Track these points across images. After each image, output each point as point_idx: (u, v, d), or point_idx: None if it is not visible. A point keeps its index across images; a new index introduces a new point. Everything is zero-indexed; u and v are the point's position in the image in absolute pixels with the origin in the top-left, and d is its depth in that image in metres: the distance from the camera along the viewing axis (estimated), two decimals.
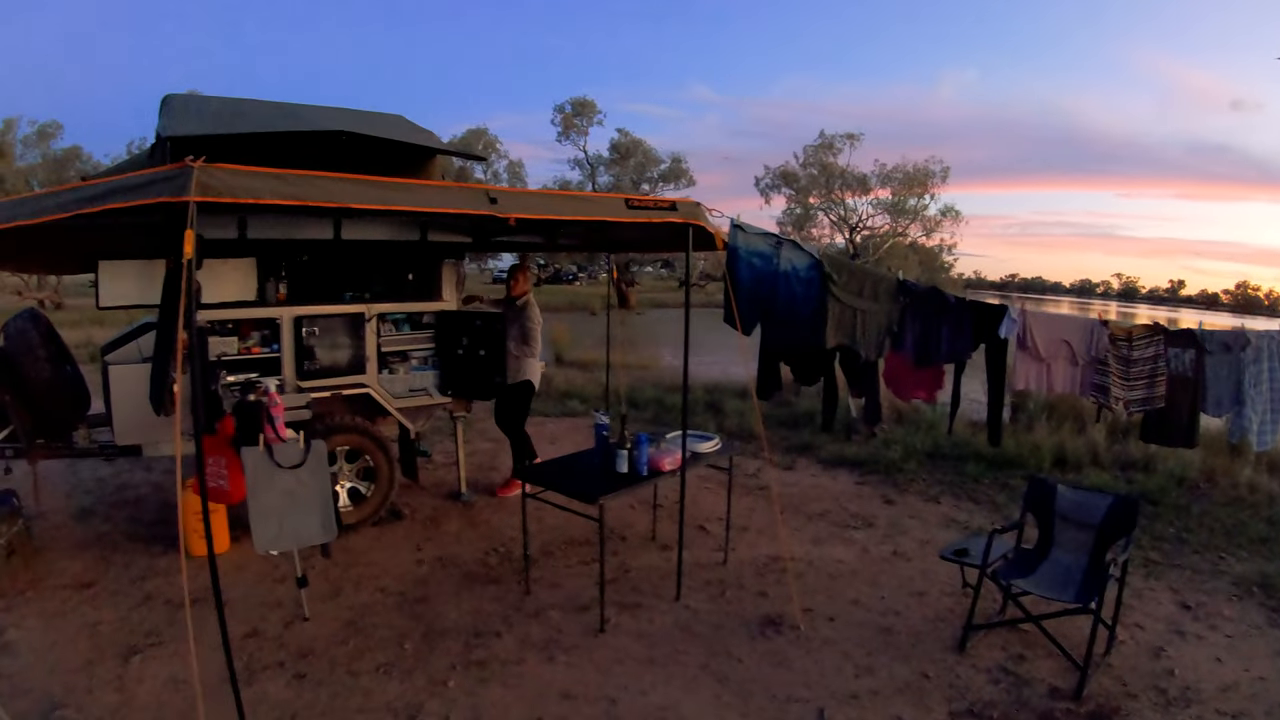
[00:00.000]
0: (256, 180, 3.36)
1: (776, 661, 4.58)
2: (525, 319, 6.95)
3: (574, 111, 42.77)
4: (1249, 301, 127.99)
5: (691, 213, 4.89)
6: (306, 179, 3.47)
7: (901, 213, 40.29)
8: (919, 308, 5.83)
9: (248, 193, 3.32)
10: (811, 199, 41.12)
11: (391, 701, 4.09)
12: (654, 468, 5.19)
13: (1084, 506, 5.03)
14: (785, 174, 41.26)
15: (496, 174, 44.15)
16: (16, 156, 35.01)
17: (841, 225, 41.42)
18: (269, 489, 4.51)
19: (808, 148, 40.67)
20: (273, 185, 3.38)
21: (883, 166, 40.04)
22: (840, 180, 40.10)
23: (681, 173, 43.27)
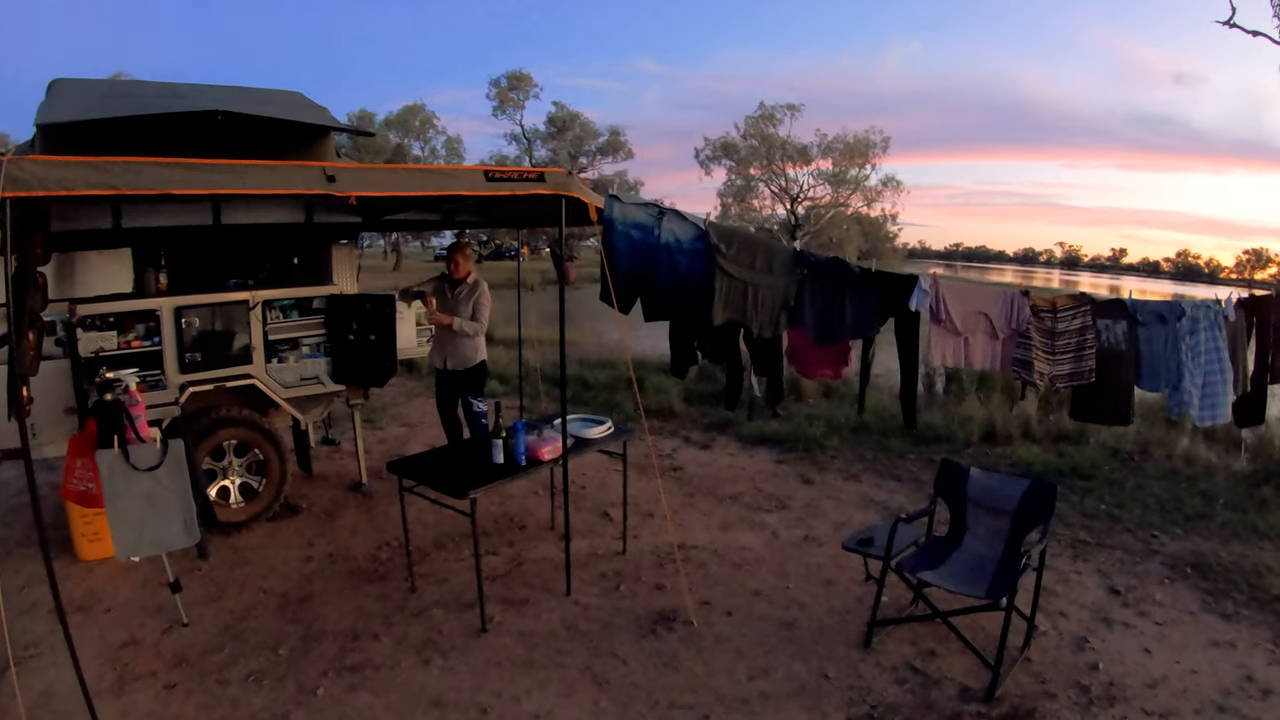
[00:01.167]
0: (69, 170, 3.14)
1: (664, 663, 4.40)
2: (478, 297, 6.63)
3: (509, 85, 42.40)
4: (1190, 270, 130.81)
5: (562, 183, 4.60)
6: (123, 166, 3.24)
7: (842, 183, 40.40)
8: (819, 280, 5.56)
9: (60, 185, 3.10)
10: (752, 170, 41.09)
11: (257, 712, 3.93)
12: (532, 457, 4.98)
13: (998, 491, 4.79)
14: (725, 145, 41.19)
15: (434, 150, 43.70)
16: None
17: (783, 196, 41.45)
18: (126, 493, 4.26)
19: (749, 119, 40.64)
20: (86, 175, 3.16)
21: (824, 137, 40.11)
22: (781, 151, 40.08)
23: (620, 145, 43.10)
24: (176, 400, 5.79)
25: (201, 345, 5.97)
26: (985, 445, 8.53)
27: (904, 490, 7.27)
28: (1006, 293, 5.57)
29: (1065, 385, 5.59)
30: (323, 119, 5.90)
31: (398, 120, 43.50)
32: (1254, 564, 5.65)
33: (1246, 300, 5.69)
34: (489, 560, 5.64)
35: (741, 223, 40.83)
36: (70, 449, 4.51)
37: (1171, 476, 7.54)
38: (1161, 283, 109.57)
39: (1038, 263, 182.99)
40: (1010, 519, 4.69)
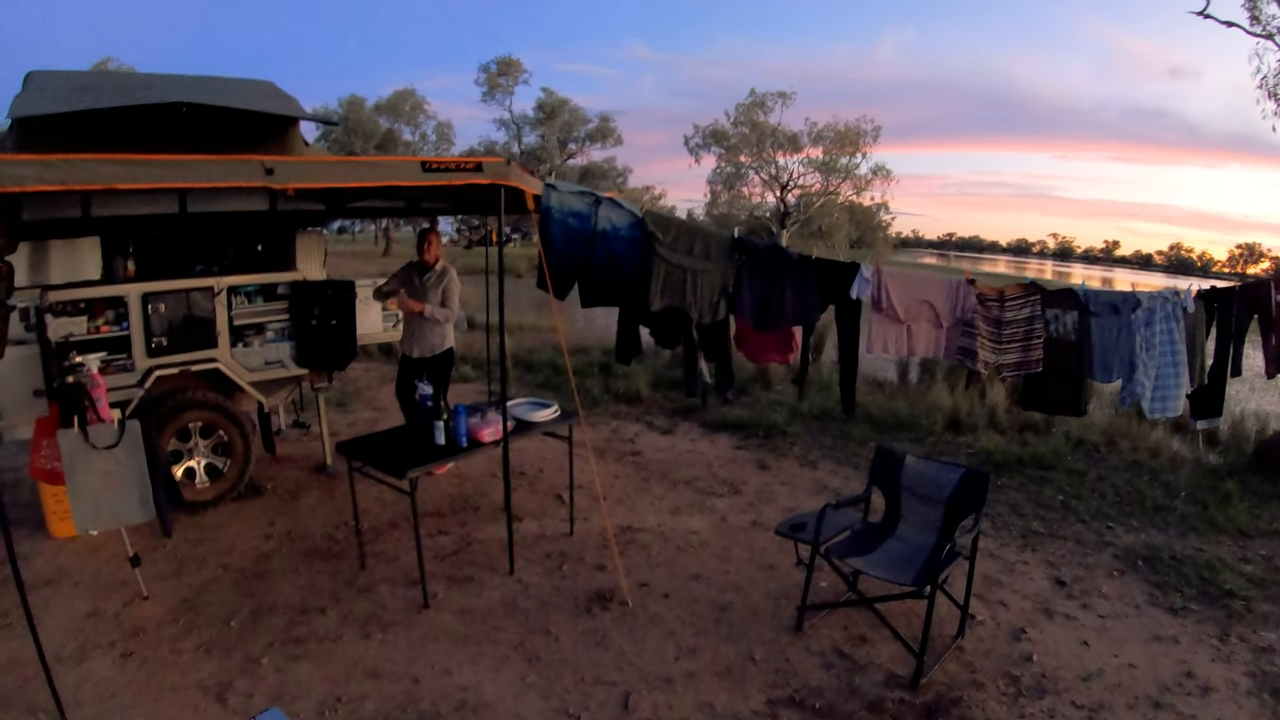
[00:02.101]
0: (21, 168, 3.33)
1: (595, 641, 4.58)
2: (447, 284, 6.78)
3: (499, 71, 42.57)
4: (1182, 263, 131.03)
5: (500, 172, 4.67)
6: (69, 163, 3.43)
7: (833, 171, 40.50)
8: (758, 267, 5.64)
9: (12, 181, 3.29)
10: (742, 158, 41.25)
11: (205, 680, 4.16)
12: (474, 439, 5.16)
13: (932, 479, 4.81)
14: (715, 133, 41.32)
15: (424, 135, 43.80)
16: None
17: (772, 184, 41.57)
18: (85, 471, 4.50)
19: (739, 106, 40.78)
20: (36, 172, 3.34)
21: (814, 125, 40.22)
22: (771, 139, 40.18)
23: (609, 132, 43.34)
24: (141, 383, 5.99)
25: (168, 330, 6.17)
26: (949, 434, 8.67)
27: (859, 478, 7.27)
28: (951, 281, 5.65)
29: (1011, 374, 5.69)
30: (288, 109, 6.07)
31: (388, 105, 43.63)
32: (1208, 558, 5.70)
33: (1207, 292, 5.76)
34: (440, 540, 5.88)
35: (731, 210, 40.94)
36: (37, 430, 4.73)
37: (1134, 469, 7.65)
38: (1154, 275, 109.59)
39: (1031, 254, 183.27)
40: (943, 507, 4.73)
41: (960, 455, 7.87)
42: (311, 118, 7.00)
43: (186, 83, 6.27)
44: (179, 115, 5.21)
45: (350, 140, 41.15)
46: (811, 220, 40.29)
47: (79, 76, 6.74)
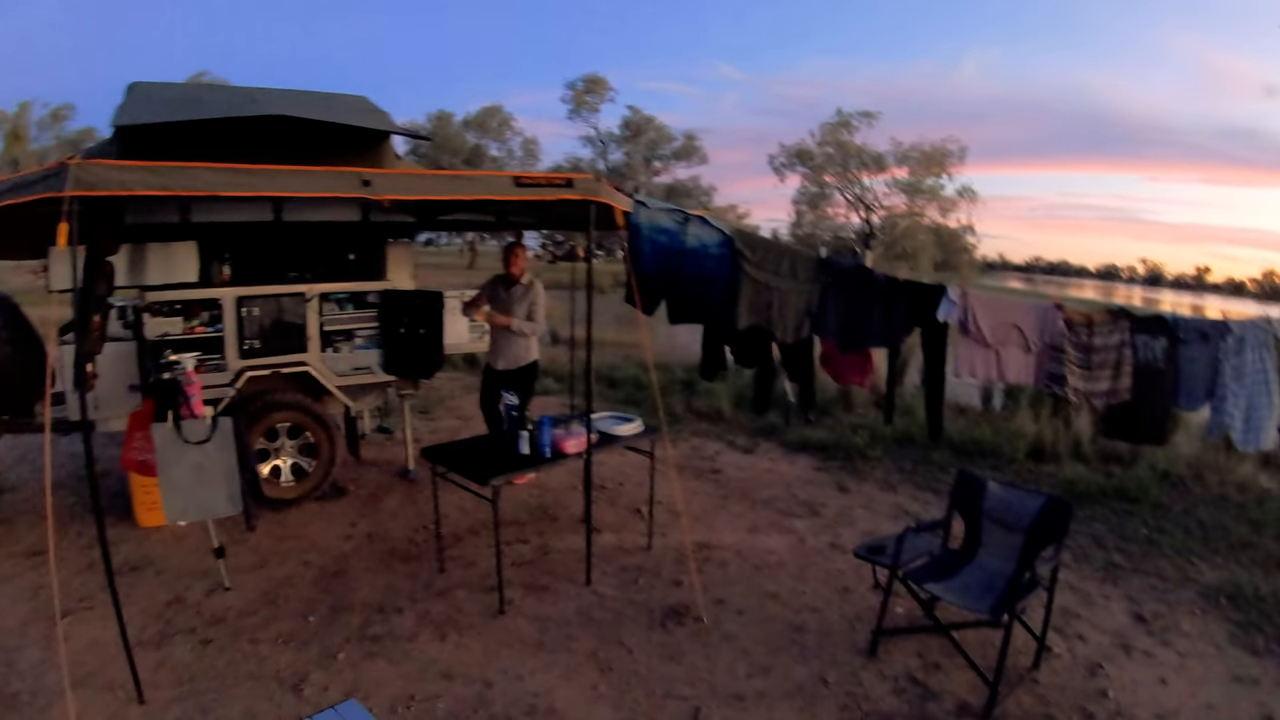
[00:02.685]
0: (128, 174, 3.48)
1: (668, 655, 4.54)
2: (533, 297, 6.82)
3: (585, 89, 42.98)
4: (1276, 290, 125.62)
5: (590, 189, 4.72)
6: (176, 170, 3.57)
7: (918, 192, 40.01)
8: (844, 287, 5.56)
9: (121, 185, 3.44)
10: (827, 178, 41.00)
11: (281, 670, 4.26)
12: (557, 450, 5.19)
13: (1014, 506, 4.64)
14: (800, 152, 41.19)
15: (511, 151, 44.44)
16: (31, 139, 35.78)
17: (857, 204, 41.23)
18: (177, 463, 4.66)
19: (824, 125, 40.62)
20: (145, 178, 3.50)
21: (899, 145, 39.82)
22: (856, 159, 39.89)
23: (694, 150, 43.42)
24: (233, 383, 6.18)
25: (260, 333, 6.36)
26: (1031, 462, 8.42)
27: (940, 504, 7.09)
28: (1039, 305, 5.50)
29: (1101, 403, 5.48)
30: (381, 124, 6.20)
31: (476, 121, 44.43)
32: None
33: None
34: (518, 548, 5.91)
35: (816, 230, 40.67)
36: (131, 423, 4.90)
37: (1221, 503, 7.32)
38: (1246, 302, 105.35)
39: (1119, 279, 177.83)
40: (1024, 535, 4.56)
41: (1042, 484, 7.63)
42: (403, 132, 7.16)
43: (283, 96, 6.45)
44: (276, 128, 5.36)
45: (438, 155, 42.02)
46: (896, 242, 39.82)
47: (179, 88, 7.01)
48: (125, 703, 3.94)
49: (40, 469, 7.53)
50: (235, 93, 6.89)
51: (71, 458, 7.83)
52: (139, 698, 3.95)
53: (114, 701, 3.96)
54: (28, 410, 6.23)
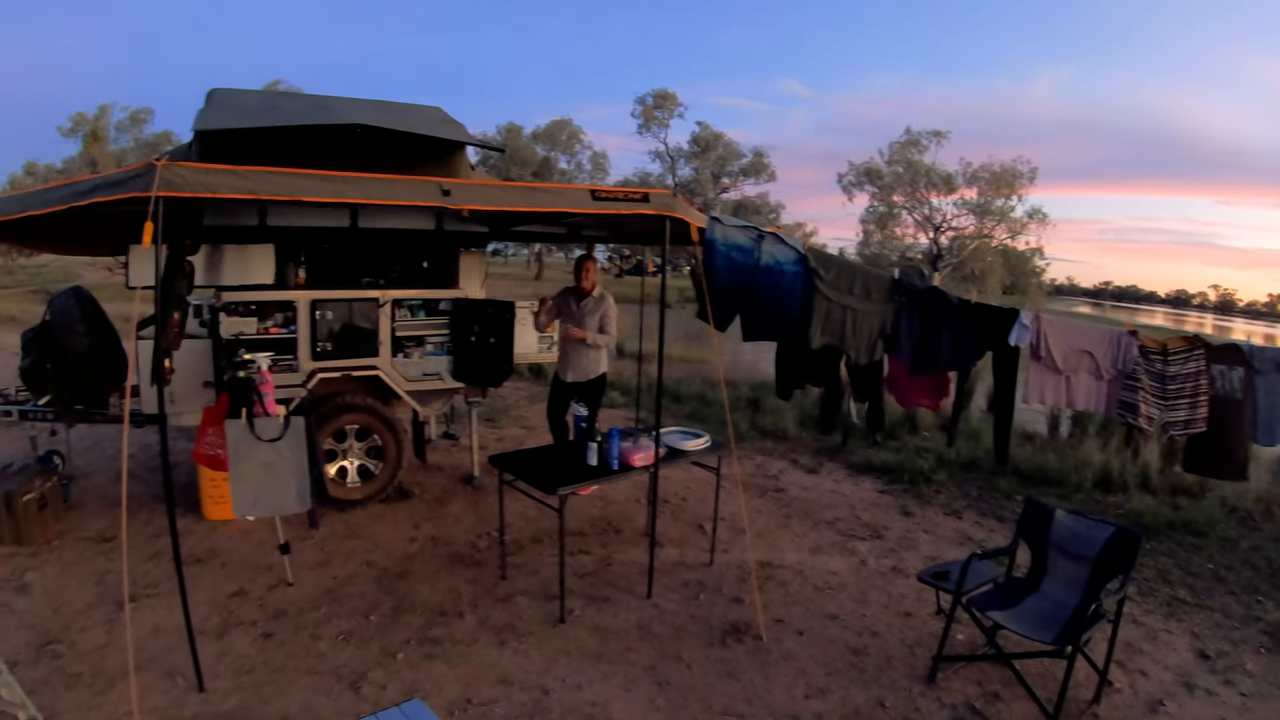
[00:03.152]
0: (213, 176, 3.56)
1: (726, 671, 4.51)
2: (605, 309, 6.82)
3: (655, 104, 43.11)
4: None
5: (666, 204, 4.75)
6: (260, 174, 3.64)
7: (987, 214, 39.38)
8: (917, 309, 5.53)
9: (205, 188, 3.52)
10: (896, 197, 40.53)
11: (341, 667, 4.33)
12: (625, 462, 5.19)
13: (1081, 536, 4.53)
14: (869, 171, 40.80)
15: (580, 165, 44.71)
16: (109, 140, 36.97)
17: (926, 225, 40.72)
18: (248, 459, 4.77)
19: (893, 144, 40.18)
20: (229, 181, 3.58)
21: (968, 165, 39.27)
22: (925, 179, 39.42)
23: (763, 167, 43.25)
24: (305, 384, 6.29)
25: (333, 336, 6.47)
26: (1098, 492, 8.22)
27: (1004, 531, 7.06)
28: (1113, 331, 5.38)
29: (1178, 433, 5.35)
30: (456, 134, 6.28)
31: (545, 134, 44.80)
32: None
33: None
34: (580, 559, 5.92)
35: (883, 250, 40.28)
36: (204, 418, 5.01)
37: None
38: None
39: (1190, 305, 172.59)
40: (1090, 566, 4.47)
41: (1109, 515, 7.41)
42: (477, 143, 7.24)
43: (360, 106, 6.59)
44: (354, 136, 5.46)
45: (507, 167, 42.47)
46: (964, 263, 39.21)
47: (257, 95, 7.20)
48: (185, 690, 4.05)
49: (110, 458, 7.78)
50: (311, 101, 7.06)
51: (142, 449, 8.06)
52: (199, 685, 4.05)
53: (174, 688, 4.07)
54: (102, 401, 6.44)
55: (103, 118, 38.08)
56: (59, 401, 6.33)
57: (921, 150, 39.91)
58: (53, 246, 8.57)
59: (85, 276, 30.28)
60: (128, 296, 4.56)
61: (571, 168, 45.68)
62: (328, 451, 6.45)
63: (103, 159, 34.99)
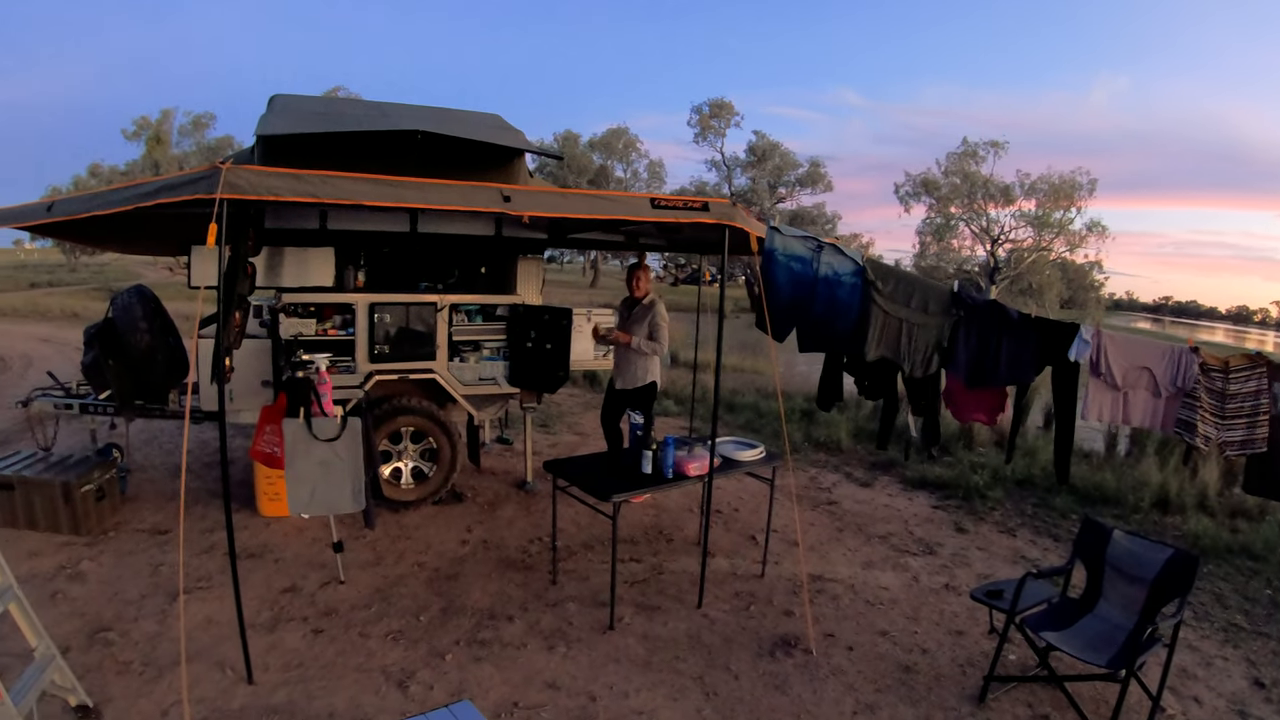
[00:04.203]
0: (276, 180, 3.63)
1: (775, 684, 4.48)
2: (655, 317, 6.86)
3: (711, 113, 43.15)
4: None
5: (726, 213, 4.73)
6: (322, 179, 3.70)
7: (1045, 226, 38.68)
8: (975, 322, 5.42)
9: (268, 191, 3.59)
10: (953, 209, 40.02)
11: (389, 665, 4.38)
12: (679, 471, 5.18)
13: (1138, 558, 4.46)
14: (926, 182, 40.33)
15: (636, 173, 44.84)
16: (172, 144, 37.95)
17: (983, 237, 40.15)
18: (305, 458, 4.86)
19: (950, 155, 39.68)
20: (292, 185, 3.64)
21: (1026, 177, 38.65)
22: (983, 190, 38.86)
23: (819, 177, 43.03)
24: (362, 385, 6.36)
25: (390, 339, 6.54)
26: (1156, 513, 8.04)
27: (1059, 550, 6.94)
28: (1174, 348, 5.23)
29: (1235, 453, 5.15)
30: (514, 141, 6.33)
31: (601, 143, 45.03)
32: None
33: None
34: (631, 566, 5.92)
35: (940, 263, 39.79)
36: (262, 416, 5.09)
37: None
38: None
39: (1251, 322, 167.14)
40: (1147, 588, 4.38)
41: (1166, 536, 7.28)
42: (536, 150, 7.29)
43: (420, 112, 6.67)
44: (414, 142, 5.53)
45: (564, 174, 42.75)
46: (1022, 277, 38.55)
47: (318, 101, 7.33)
48: (235, 681, 4.14)
49: (168, 452, 7.97)
50: (371, 107, 7.17)
51: (199, 444, 8.23)
52: (249, 678, 4.13)
53: (223, 679, 4.16)
54: (161, 397, 6.59)
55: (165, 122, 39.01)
56: (119, 396, 6.47)
57: (979, 161, 39.37)
58: (116, 245, 8.79)
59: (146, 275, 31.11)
60: (187, 295, 4.67)
61: (628, 176, 45.86)
62: (383, 453, 6.56)
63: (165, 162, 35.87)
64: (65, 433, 7.93)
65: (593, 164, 44.86)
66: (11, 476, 5.93)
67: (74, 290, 32.08)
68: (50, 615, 4.68)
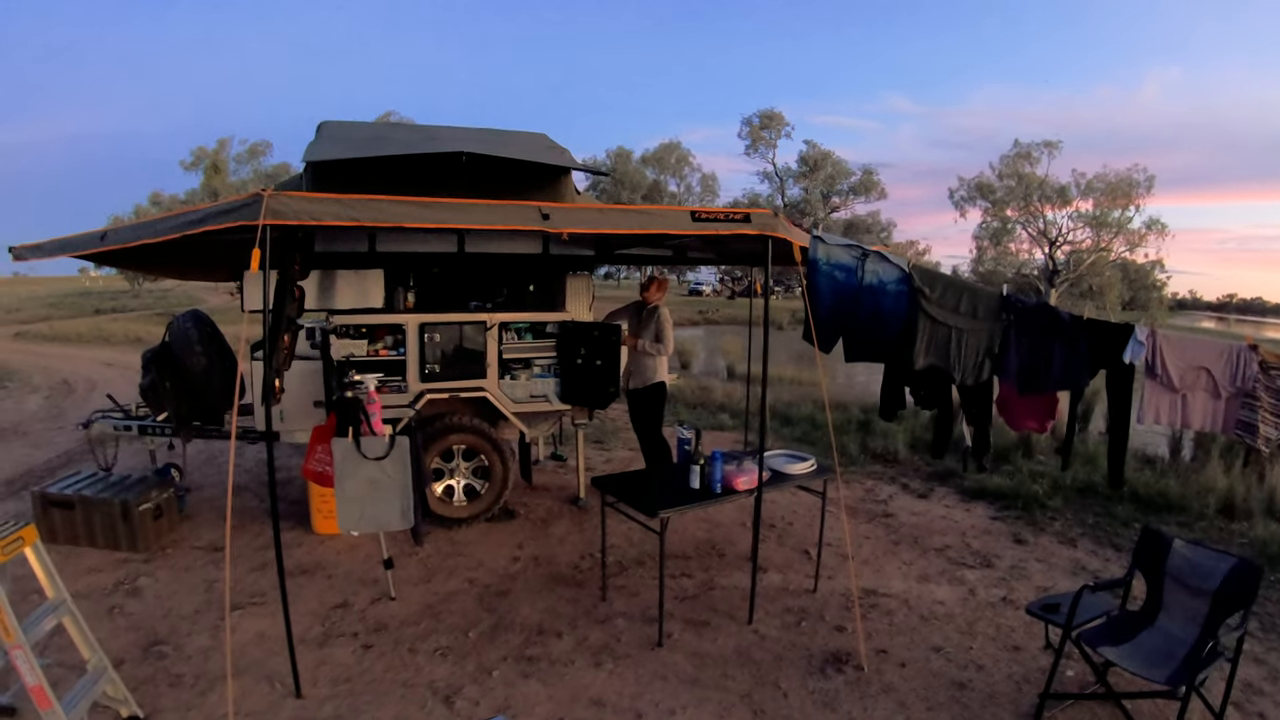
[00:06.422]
0: (317, 205, 3.70)
1: (824, 702, 4.41)
2: (658, 320, 7.14)
3: (761, 124, 43.17)
4: None
5: (767, 224, 4.70)
6: (363, 202, 3.77)
7: (1104, 226, 37.92)
8: (1026, 327, 5.33)
9: (310, 215, 3.67)
10: (1009, 212, 39.50)
11: (436, 681, 4.43)
12: (728, 486, 5.13)
13: (1200, 568, 4.25)
14: (981, 186, 39.89)
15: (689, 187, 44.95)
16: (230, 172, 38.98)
17: (1040, 239, 39.49)
18: (354, 476, 4.91)
19: (1004, 157, 39.23)
20: (333, 209, 3.72)
21: (1081, 176, 37.99)
22: (1039, 191, 38.27)
23: (873, 185, 42.81)
24: (413, 404, 6.45)
25: (441, 358, 6.63)
26: (1221, 519, 7.79)
27: (1120, 560, 6.74)
28: (1232, 346, 5.12)
29: None
30: (560, 160, 6.38)
31: (654, 158, 45.27)
32: None
33: None
34: (682, 582, 5.90)
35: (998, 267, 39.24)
36: (314, 435, 5.18)
37: None
38: None
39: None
40: (1209, 600, 4.20)
41: (1232, 544, 7.06)
42: (582, 168, 7.34)
43: (466, 134, 6.75)
44: (459, 164, 5.59)
45: (617, 190, 42.99)
46: (1082, 279, 37.82)
47: (366, 127, 7.47)
48: (283, 695, 4.22)
49: (226, 472, 8.11)
50: (418, 131, 7.28)
51: (257, 464, 8.39)
52: (297, 692, 4.21)
53: (272, 693, 4.25)
54: (217, 418, 6.76)
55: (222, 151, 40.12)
56: (175, 418, 6.64)
57: (1033, 163, 38.86)
58: (172, 272, 9.02)
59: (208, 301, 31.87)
60: (247, 320, 4.78)
61: (681, 190, 46.01)
62: (435, 470, 6.65)
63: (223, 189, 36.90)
64: (126, 454, 8.15)
65: (646, 180, 45.05)
66: (72, 496, 6.15)
67: (137, 316, 32.93)
68: (107, 629, 4.85)
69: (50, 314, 34.93)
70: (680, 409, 12.70)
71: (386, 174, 5.43)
